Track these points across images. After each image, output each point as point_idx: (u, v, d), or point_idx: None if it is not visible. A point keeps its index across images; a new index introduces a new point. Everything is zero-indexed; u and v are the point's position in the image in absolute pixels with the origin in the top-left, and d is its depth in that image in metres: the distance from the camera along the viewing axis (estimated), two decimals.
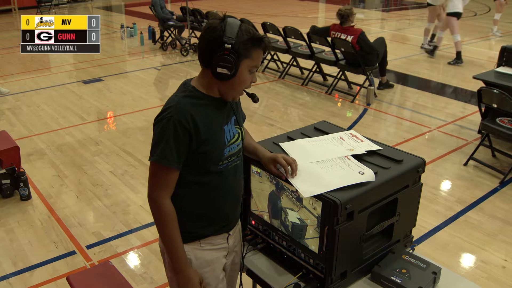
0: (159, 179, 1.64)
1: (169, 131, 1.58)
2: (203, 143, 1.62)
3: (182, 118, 1.57)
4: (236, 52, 1.57)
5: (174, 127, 1.57)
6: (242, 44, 1.58)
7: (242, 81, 1.64)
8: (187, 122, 1.58)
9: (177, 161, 1.61)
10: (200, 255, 1.77)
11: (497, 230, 3.61)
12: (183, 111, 1.58)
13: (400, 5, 16.61)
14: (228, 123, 1.73)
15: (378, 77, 6.81)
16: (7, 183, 3.95)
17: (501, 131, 4.31)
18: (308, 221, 1.71)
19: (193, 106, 1.61)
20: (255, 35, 1.61)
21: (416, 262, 1.81)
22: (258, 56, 1.64)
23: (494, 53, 8.07)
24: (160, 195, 1.64)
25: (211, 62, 1.59)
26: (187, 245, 1.73)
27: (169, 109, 1.60)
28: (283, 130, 4.95)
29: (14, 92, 6.87)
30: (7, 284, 3.06)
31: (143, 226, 3.66)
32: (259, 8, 14.73)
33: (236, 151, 1.75)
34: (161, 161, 1.60)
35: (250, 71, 1.65)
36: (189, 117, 1.58)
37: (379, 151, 1.91)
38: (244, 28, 1.60)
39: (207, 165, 1.67)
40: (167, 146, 1.58)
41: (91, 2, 15.98)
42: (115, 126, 5.72)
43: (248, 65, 1.62)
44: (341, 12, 6.22)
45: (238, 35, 1.57)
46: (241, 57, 1.59)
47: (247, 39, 1.58)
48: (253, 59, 1.62)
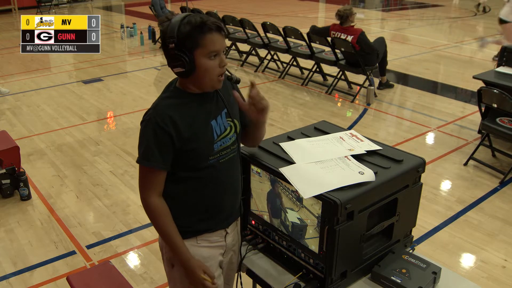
0: (145, 179, 1.69)
1: (148, 133, 1.63)
2: (187, 141, 1.64)
3: (159, 120, 1.61)
4: (183, 47, 1.57)
5: (153, 129, 1.61)
6: (185, 37, 1.56)
7: (206, 69, 1.61)
8: (165, 123, 1.60)
9: (161, 161, 1.64)
10: (197, 251, 1.77)
11: (497, 230, 3.61)
12: (161, 113, 1.62)
13: (400, 5, 16.60)
14: (218, 117, 1.72)
15: (378, 77, 6.81)
16: (7, 183, 3.95)
17: (501, 131, 4.31)
18: (308, 221, 1.71)
19: (173, 107, 1.64)
20: (195, 23, 1.57)
21: (416, 262, 1.81)
22: (210, 41, 1.58)
23: (495, 53, 8.08)
24: (148, 194, 1.68)
25: (169, 65, 1.63)
26: (184, 241, 1.74)
27: (149, 111, 1.65)
28: (283, 130, 4.94)
29: (14, 92, 6.87)
30: (7, 284, 3.06)
31: (143, 226, 3.66)
32: (259, 8, 14.73)
33: (229, 144, 1.75)
34: (143, 162, 1.66)
35: (209, 57, 1.60)
36: (167, 119, 1.61)
37: (379, 151, 1.91)
38: (187, 21, 1.57)
39: (196, 161, 1.69)
40: (148, 148, 1.63)
41: (91, 2, 15.98)
42: (115, 126, 5.72)
43: (203, 53, 1.59)
44: (340, 13, 6.22)
45: (180, 30, 1.56)
46: (190, 50, 1.57)
47: (188, 31, 1.57)
48: (205, 46, 1.58)
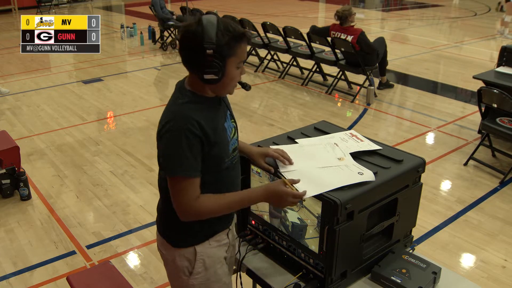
0: (186, 191, 1.58)
1: (180, 141, 1.53)
2: (213, 146, 1.60)
3: (190, 125, 1.53)
4: (219, 55, 1.52)
5: (185, 136, 1.53)
6: (224, 45, 1.52)
7: (231, 78, 1.61)
8: (195, 128, 1.54)
9: (198, 168, 1.58)
10: (211, 253, 1.76)
11: (497, 230, 3.61)
12: (189, 118, 1.54)
13: (400, 5, 16.60)
14: (226, 119, 1.73)
15: (378, 77, 6.81)
16: (7, 183, 3.95)
17: (501, 131, 4.30)
18: (308, 221, 1.71)
19: (196, 111, 1.57)
20: (236, 32, 1.55)
21: (416, 262, 1.81)
22: (243, 50, 1.59)
23: (495, 53, 8.08)
24: (191, 205, 1.59)
25: (197, 69, 1.55)
26: (198, 246, 1.73)
27: (174, 120, 1.55)
28: (283, 130, 4.95)
29: (14, 92, 6.87)
30: (7, 284, 3.06)
31: (143, 226, 3.66)
32: (259, 8, 14.73)
33: (236, 145, 1.76)
34: (182, 172, 1.55)
35: (237, 66, 1.61)
36: (195, 124, 1.54)
37: (379, 151, 1.91)
38: (223, 27, 1.53)
39: (218, 165, 1.66)
40: (182, 157, 1.54)
41: (91, 2, 15.98)
42: (115, 126, 5.72)
43: (234, 62, 1.58)
44: (339, 14, 6.22)
45: (218, 36, 1.51)
46: (226, 58, 1.54)
47: (229, 39, 1.53)
48: (238, 55, 1.58)
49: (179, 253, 1.74)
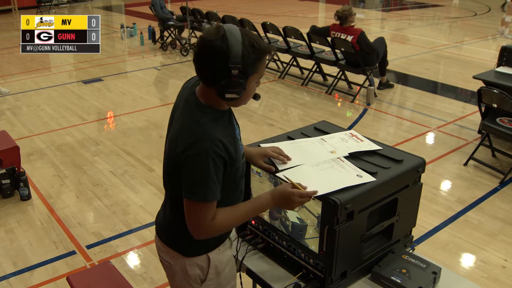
0: (204, 215, 1.53)
1: (209, 165, 1.47)
2: (235, 162, 1.58)
3: (216, 148, 1.47)
4: (244, 74, 1.46)
5: (213, 160, 1.47)
6: (249, 64, 1.45)
7: (249, 93, 1.56)
8: (220, 150, 1.48)
9: (219, 192, 1.53)
10: (222, 258, 1.75)
11: (497, 230, 3.61)
12: (215, 140, 1.48)
13: (400, 5, 16.61)
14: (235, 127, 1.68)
15: (378, 77, 6.81)
16: (7, 183, 3.95)
17: (501, 131, 4.30)
18: (308, 221, 1.71)
19: (218, 129, 1.51)
20: (262, 50, 1.48)
21: (416, 262, 1.81)
22: (264, 66, 1.53)
23: (495, 53, 8.08)
24: (209, 225, 1.54)
25: (217, 86, 1.47)
26: (210, 254, 1.71)
27: (199, 141, 1.47)
28: (283, 130, 4.95)
29: (14, 92, 6.87)
30: (7, 284, 3.06)
31: (143, 226, 3.66)
32: (259, 8, 14.73)
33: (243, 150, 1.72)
34: (208, 198, 1.50)
35: (257, 82, 1.56)
36: (220, 144, 1.48)
37: (379, 151, 1.91)
38: (248, 43, 1.45)
39: (234, 178, 1.64)
40: (211, 182, 1.49)
41: (91, 2, 15.98)
42: (115, 126, 5.72)
43: (256, 78, 1.54)
44: (339, 14, 6.23)
45: (244, 54, 1.43)
46: (249, 76, 1.48)
47: (254, 59, 1.46)
48: (259, 72, 1.53)
49: (191, 262, 1.69)
